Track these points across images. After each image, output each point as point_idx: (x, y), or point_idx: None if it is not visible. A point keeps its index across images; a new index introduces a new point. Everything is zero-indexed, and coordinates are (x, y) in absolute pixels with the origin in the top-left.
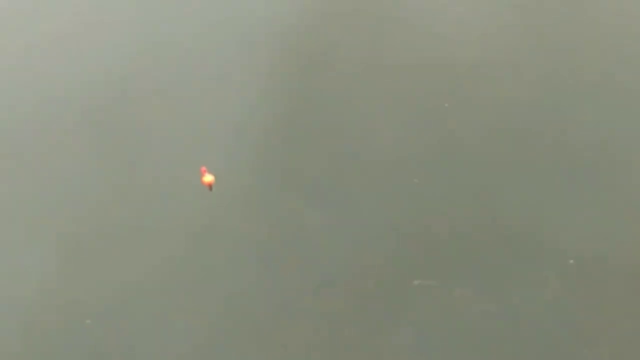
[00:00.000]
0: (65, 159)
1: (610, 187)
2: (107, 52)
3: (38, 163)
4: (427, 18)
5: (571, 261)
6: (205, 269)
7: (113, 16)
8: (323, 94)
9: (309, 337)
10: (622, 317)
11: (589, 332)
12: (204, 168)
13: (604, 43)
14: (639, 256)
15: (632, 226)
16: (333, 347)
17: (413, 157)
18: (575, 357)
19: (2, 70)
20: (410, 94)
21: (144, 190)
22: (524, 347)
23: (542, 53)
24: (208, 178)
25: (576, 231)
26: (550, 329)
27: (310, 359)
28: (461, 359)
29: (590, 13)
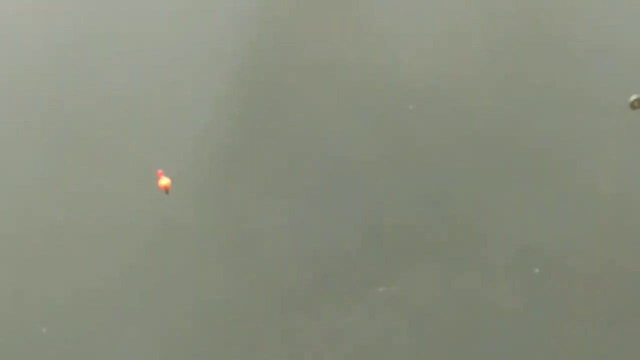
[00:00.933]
0: (18, 164)
1: (568, 191)
2: (60, 50)
3: None
4: (392, 19)
5: (537, 270)
6: (162, 272)
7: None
8: (284, 94)
9: (269, 342)
10: (581, 323)
11: (549, 339)
12: (160, 171)
13: (553, 49)
14: (598, 260)
15: (592, 231)
16: (293, 352)
17: (373, 159)
18: None
19: None
20: (373, 95)
21: (101, 194)
22: (485, 354)
23: (501, 62)
24: (164, 181)
25: (539, 236)
26: (510, 335)
27: None
28: None
29: (551, 21)
